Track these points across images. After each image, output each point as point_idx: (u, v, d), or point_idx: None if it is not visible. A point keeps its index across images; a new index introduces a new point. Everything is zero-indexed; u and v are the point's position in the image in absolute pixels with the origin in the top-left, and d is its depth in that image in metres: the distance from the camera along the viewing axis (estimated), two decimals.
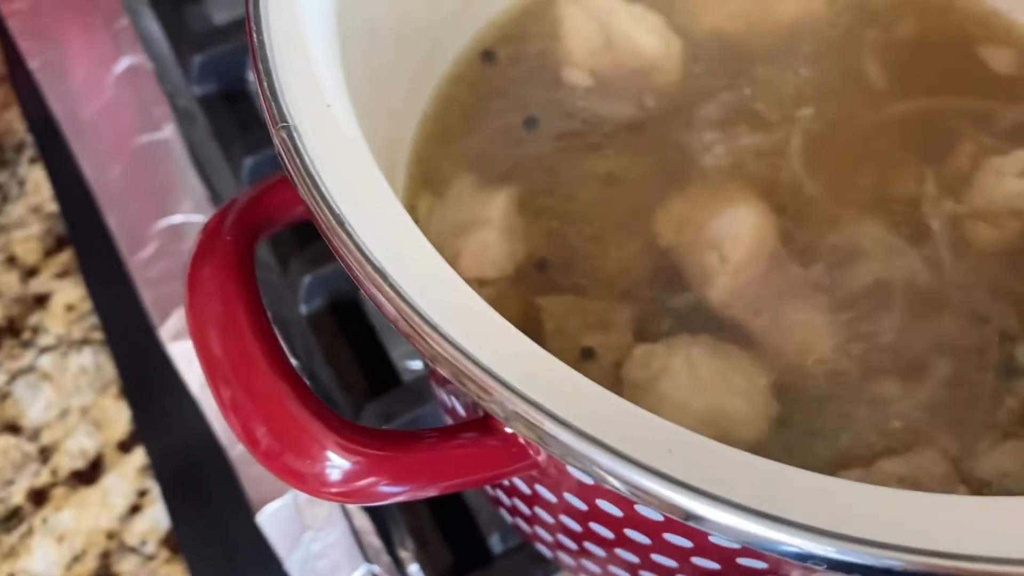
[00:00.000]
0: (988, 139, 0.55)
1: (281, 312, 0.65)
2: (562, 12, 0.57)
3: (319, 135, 0.31)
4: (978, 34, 0.57)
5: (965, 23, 0.58)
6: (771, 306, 0.50)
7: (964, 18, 0.58)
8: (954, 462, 0.46)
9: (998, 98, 0.55)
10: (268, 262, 0.65)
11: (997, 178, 0.54)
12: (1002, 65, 0.57)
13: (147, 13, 0.77)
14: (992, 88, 0.56)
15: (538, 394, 0.27)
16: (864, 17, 0.58)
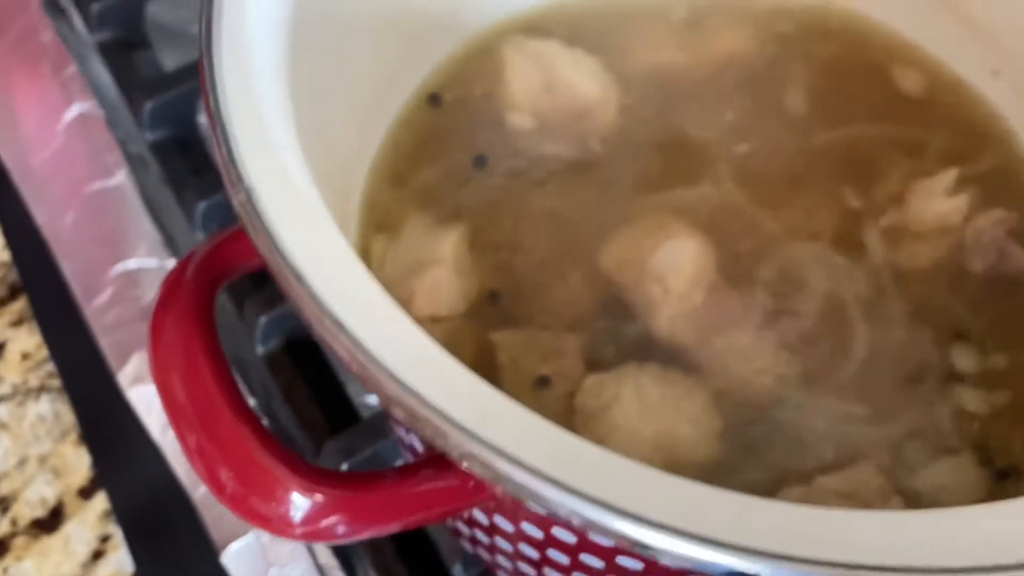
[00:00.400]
0: (913, 162, 0.58)
1: (238, 353, 0.66)
2: (505, 57, 0.59)
3: (276, 194, 0.33)
4: (891, 61, 0.61)
5: (879, 52, 0.61)
6: (713, 332, 0.52)
7: (878, 47, 0.62)
8: (890, 476, 0.48)
9: (915, 122, 0.59)
10: (224, 304, 0.66)
11: (926, 198, 0.57)
12: (913, 88, 0.60)
13: (96, 60, 0.78)
14: (907, 112, 0.59)
15: (491, 434, 0.29)
16: (790, 51, 0.61)
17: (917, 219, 0.56)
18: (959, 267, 0.55)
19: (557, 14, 0.62)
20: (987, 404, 0.52)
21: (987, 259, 0.54)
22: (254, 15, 0.39)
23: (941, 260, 0.55)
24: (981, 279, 0.55)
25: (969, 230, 0.55)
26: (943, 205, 0.56)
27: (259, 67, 0.37)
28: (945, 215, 0.56)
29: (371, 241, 0.54)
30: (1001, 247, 0.54)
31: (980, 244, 0.54)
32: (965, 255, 0.55)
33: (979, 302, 0.54)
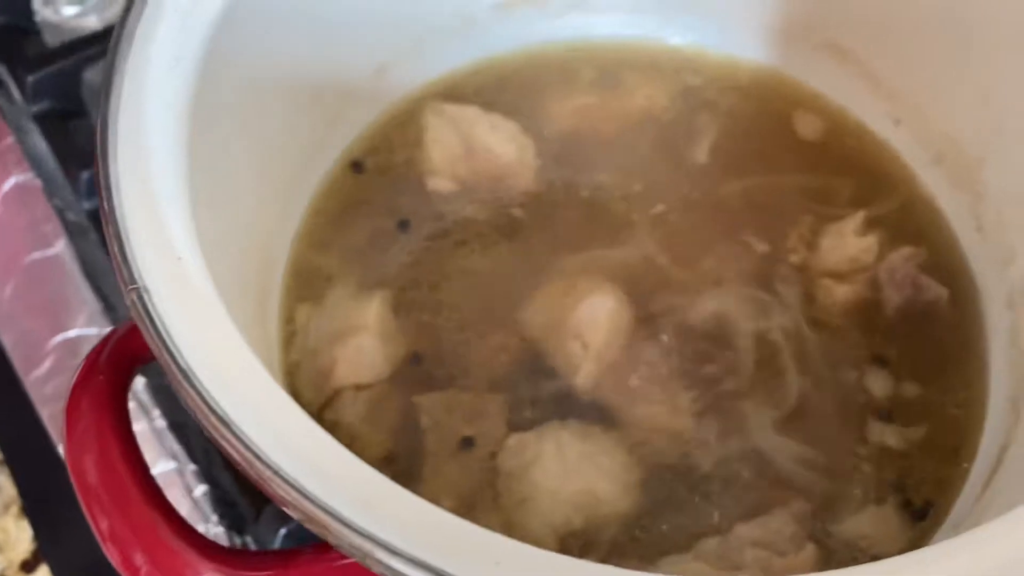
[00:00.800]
0: (822, 207, 0.60)
1: (179, 418, 0.67)
2: (425, 122, 0.61)
3: (169, 292, 0.34)
4: (798, 112, 0.63)
5: (787, 103, 0.64)
6: (632, 386, 0.53)
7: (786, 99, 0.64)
8: (804, 524, 0.49)
9: (821, 169, 0.61)
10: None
11: (838, 240, 0.59)
12: (819, 136, 0.62)
13: (33, 130, 0.79)
14: (814, 159, 0.61)
15: (374, 528, 0.30)
16: (700, 105, 0.63)
17: (831, 261, 0.58)
18: (876, 303, 0.57)
19: (474, 79, 0.64)
20: (904, 440, 0.53)
21: (903, 293, 0.56)
22: (155, 105, 0.40)
23: (858, 298, 0.57)
24: (898, 312, 0.56)
25: (882, 268, 0.57)
26: (854, 246, 0.58)
27: (160, 159, 0.38)
28: (857, 256, 0.58)
29: (295, 310, 0.55)
30: (915, 280, 0.56)
31: (894, 280, 0.56)
32: (881, 291, 0.57)
33: (896, 334, 0.56)
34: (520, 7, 0.63)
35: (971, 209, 0.57)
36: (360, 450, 0.51)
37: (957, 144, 0.57)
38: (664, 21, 0.65)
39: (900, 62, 0.59)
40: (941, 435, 0.53)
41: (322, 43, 0.55)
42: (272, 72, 0.51)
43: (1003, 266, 0.54)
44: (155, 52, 0.40)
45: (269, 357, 0.52)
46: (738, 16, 0.63)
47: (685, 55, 0.65)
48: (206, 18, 0.43)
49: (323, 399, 0.52)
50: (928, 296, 0.56)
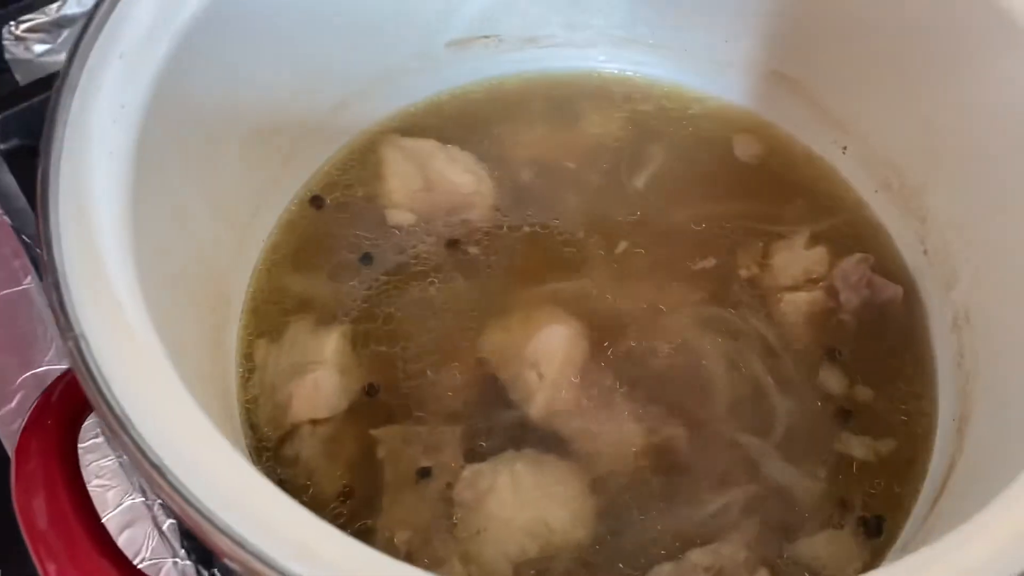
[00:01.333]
0: (771, 227, 0.61)
1: None
2: (383, 156, 0.62)
3: (109, 339, 0.35)
4: (748, 141, 0.64)
5: (738, 132, 0.65)
6: (587, 415, 0.54)
7: (737, 128, 0.65)
8: (756, 549, 0.50)
9: (766, 194, 0.62)
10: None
11: (789, 254, 0.60)
12: (757, 159, 0.63)
13: (2, 167, 0.79)
14: (757, 184, 0.62)
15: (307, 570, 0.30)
16: (649, 134, 0.64)
17: (786, 276, 0.59)
18: (834, 310, 0.58)
19: (432, 114, 0.65)
20: (862, 457, 0.54)
21: (860, 294, 0.57)
22: (97, 153, 0.40)
23: (817, 307, 0.58)
24: (856, 316, 0.57)
25: (836, 274, 0.59)
26: (805, 259, 0.59)
27: (102, 208, 0.39)
28: (809, 267, 0.59)
29: (254, 346, 0.56)
30: (870, 280, 0.58)
31: (849, 283, 0.58)
32: (838, 295, 0.58)
33: (856, 338, 0.57)
34: (475, 44, 0.64)
35: (917, 233, 0.58)
36: (318, 483, 0.52)
37: (901, 171, 0.58)
38: (615, 54, 0.66)
39: (845, 92, 0.60)
40: (896, 452, 0.53)
41: (278, 84, 0.56)
42: (224, 114, 0.52)
43: (947, 290, 0.55)
44: (99, 101, 0.41)
45: (226, 394, 0.52)
46: (687, 49, 0.65)
47: (636, 85, 0.66)
48: (152, 65, 0.43)
49: (281, 434, 0.53)
50: (885, 295, 0.58)
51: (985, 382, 0.50)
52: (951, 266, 0.55)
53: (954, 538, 0.33)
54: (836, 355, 0.56)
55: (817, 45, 0.60)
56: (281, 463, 0.52)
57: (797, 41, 0.60)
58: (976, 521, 0.32)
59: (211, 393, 0.48)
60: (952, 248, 0.55)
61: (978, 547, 0.32)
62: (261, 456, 0.52)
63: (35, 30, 0.84)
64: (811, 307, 0.58)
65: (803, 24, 0.59)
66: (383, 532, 0.50)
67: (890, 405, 0.55)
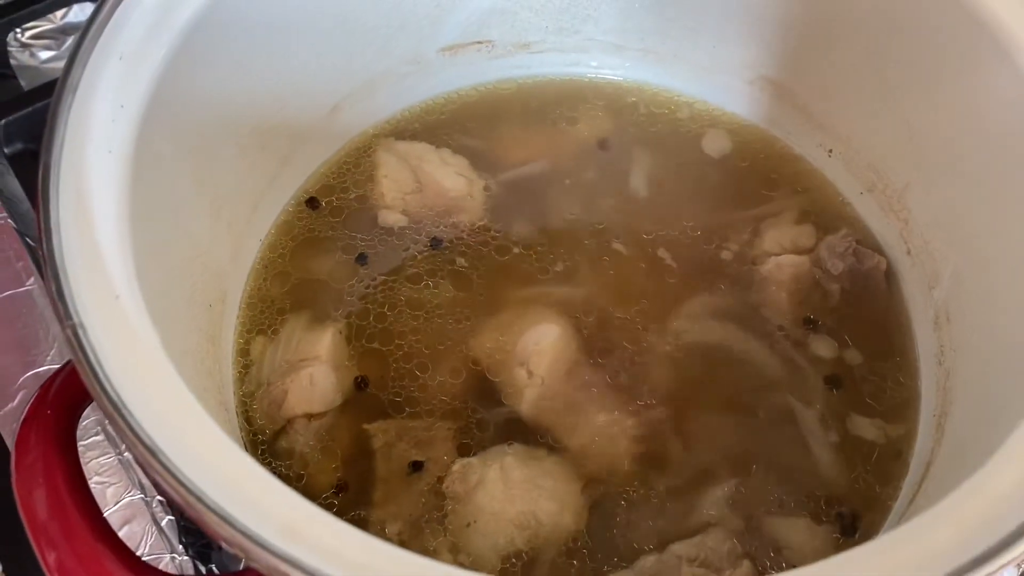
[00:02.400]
0: (759, 216, 0.62)
1: None
2: (377, 159, 0.63)
3: (106, 328, 0.36)
4: (729, 139, 0.66)
5: (725, 133, 0.66)
6: (575, 411, 0.55)
7: (726, 130, 0.67)
8: (742, 540, 0.51)
9: (754, 193, 0.63)
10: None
11: (778, 230, 0.62)
12: (747, 162, 0.65)
13: (6, 171, 0.81)
14: (745, 184, 0.64)
15: (292, 551, 0.31)
16: (638, 138, 0.66)
17: (773, 243, 0.61)
18: (819, 280, 0.59)
19: (426, 118, 0.66)
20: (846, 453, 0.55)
21: (846, 261, 0.59)
22: (97, 151, 0.41)
23: (803, 268, 0.59)
24: (842, 284, 0.59)
25: (822, 246, 0.60)
26: (793, 232, 0.61)
27: (101, 203, 0.40)
28: (796, 239, 0.61)
29: (251, 342, 0.57)
30: (855, 250, 0.59)
31: (835, 253, 0.59)
32: (824, 265, 0.59)
33: (841, 311, 0.59)
34: (468, 49, 0.66)
35: (900, 234, 0.59)
36: (312, 476, 0.53)
37: (883, 173, 0.60)
38: (605, 60, 0.67)
39: (830, 97, 0.61)
40: (880, 448, 0.54)
41: (275, 88, 0.57)
42: (222, 116, 0.53)
43: (929, 289, 0.56)
44: (98, 100, 0.42)
45: (222, 388, 0.53)
46: (676, 55, 0.66)
47: (626, 90, 0.68)
48: (151, 66, 0.45)
49: (277, 428, 0.54)
50: (869, 263, 0.59)
51: (964, 379, 0.51)
52: (932, 266, 0.56)
53: (919, 523, 0.33)
54: (818, 326, 0.58)
55: (803, 51, 0.61)
56: (276, 456, 0.53)
57: (784, 47, 0.61)
58: (940, 507, 0.33)
59: (207, 387, 0.49)
60: (933, 248, 0.56)
61: (941, 533, 0.33)
62: (256, 449, 0.53)
63: (40, 37, 0.86)
64: (797, 270, 0.59)
65: (789, 30, 0.61)
66: (375, 523, 0.51)
67: (880, 372, 0.56)
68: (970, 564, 0.31)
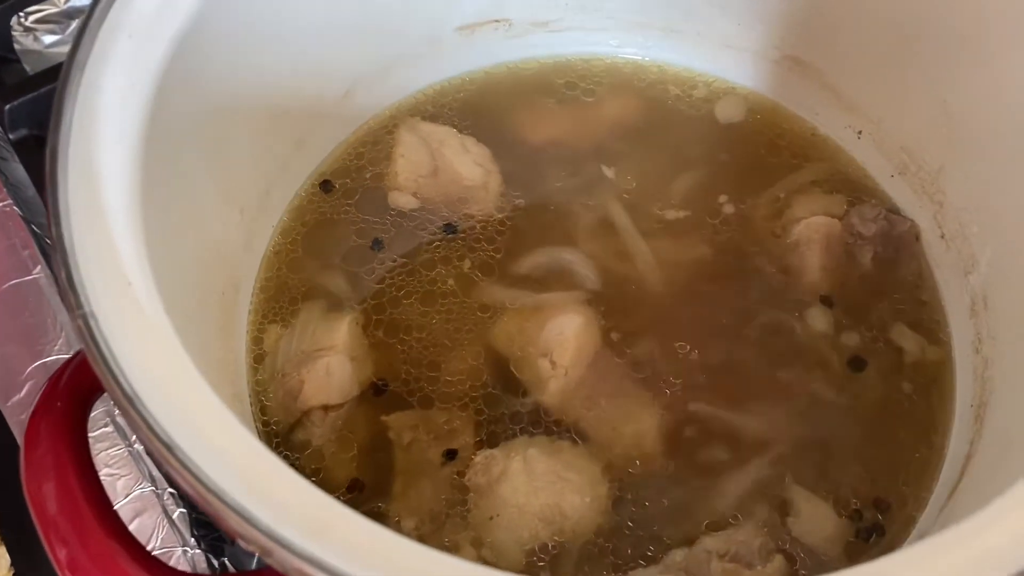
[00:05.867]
0: (789, 191, 0.61)
1: None
2: (398, 138, 0.61)
3: (118, 317, 0.34)
4: (755, 119, 0.64)
5: (758, 117, 0.65)
6: (600, 402, 0.54)
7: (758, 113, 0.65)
8: (775, 535, 0.49)
9: (783, 175, 0.62)
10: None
11: (808, 197, 0.60)
12: (763, 138, 0.63)
13: (11, 157, 0.79)
14: (765, 164, 0.62)
15: (316, 551, 0.30)
16: (660, 119, 0.64)
17: (803, 209, 0.59)
18: (851, 244, 0.58)
19: (443, 98, 0.64)
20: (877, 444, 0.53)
21: (878, 225, 0.58)
22: (106, 133, 0.40)
23: (834, 230, 0.58)
24: (875, 246, 0.58)
25: (854, 213, 0.59)
26: (824, 200, 0.60)
27: (111, 187, 0.39)
28: (828, 207, 0.60)
29: (265, 331, 0.55)
30: (886, 217, 0.58)
31: (865, 220, 0.58)
32: (855, 228, 0.58)
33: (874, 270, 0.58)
34: (485, 29, 0.64)
35: (934, 217, 0.57)
36: (329, 469, 0.52)
37: (917, 155, 0.58)
38: (626, 38, 0.66)
39: (859, 77, 0.59)
40: (911, 444, 0.53)
41: (288, 69, 0.55)
42: (234, 98, 0.51)
43: (964, 274, 0.55)
44: (107, 80, 0.40)
45: (236, 378, 0.52)
46: (700, 33, 0.64)
47: (648, 70, 0.66)
48: (162, 45, 0.43)
49: (292, 419, 0.53)
50: (900, 228, 0.58)
51: (1004, 368, 0.49)
52: (969, 251, 0.54)
53: (967, 527, 0.32)
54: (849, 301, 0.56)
55: (830, 30, 0.59)
56: (292, 448, 0.52)
57: (810, 26, 0.59)
58: (989, 511, 0.32)
59: (221, 377, 0.48)
60: (969, 232, 0.54)
61: (991, 537, 0.31)
62: (271, 441, 0.52)
63: (44, 21, 0.84)
64: (829, 230, 0.58)
65: (816, 8, 0.59)
66: (394, 517, 0.50)
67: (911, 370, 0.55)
68: None
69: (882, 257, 0.58)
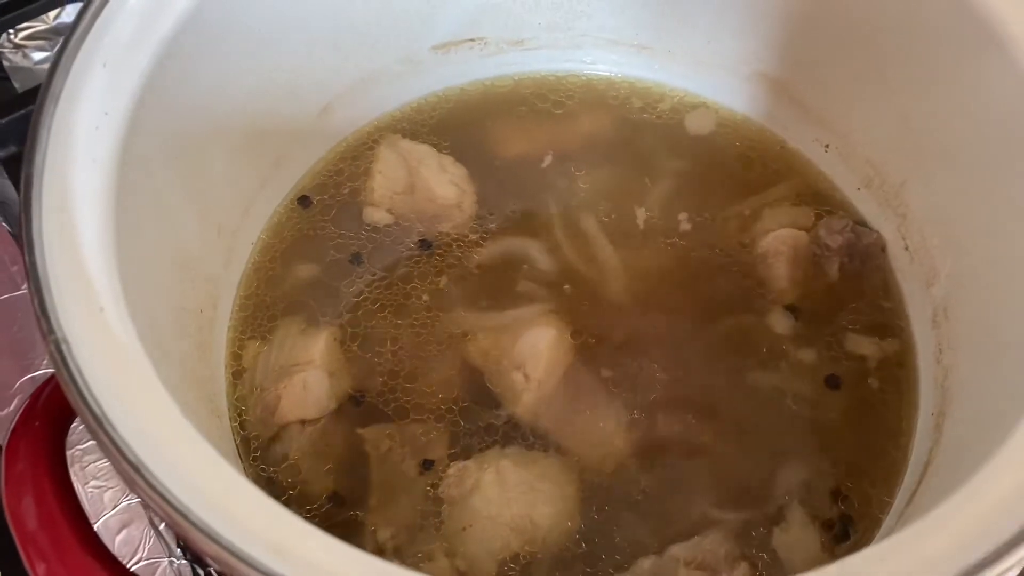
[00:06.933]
0: (757, 205, 0.62)
1: None
2: (378, 154, 0.62)
3: (90, 342, 0.36)
4: (716, 132, 0.66)
5: (727, 130, 0.66)
6: (572, 413, 0.55)
7: (726, 127, 0.66)
8: (740, 542, 0.51)
9: (752, 188, 0.63)
10: None
11: (777, 210, 0.62)
12: (732, 152, 0.65)
13: (0, 174, 0.80)
14: (734, 176, 0.63)
15: (283, 568, 0.31)
16: (633, 135, 0.65)
17: (772, 221, 0.61)
18: (818, 255, 0.59)
19: (419, 116, 0.66)
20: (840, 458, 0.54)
21: (845, 237, 0.59)
22: (80, 160, 0.41)
23: (800, 241, 0.59)
24: (840, 258, 0.59)
25: (821, 226, 0.60)
26: (792, 212, 0.62)
27: (85, 214, 0.40)
28: (795, 219, 0.61)
29: (244, 347, 0.56)
30: (853, 229, 0.60)
31: (833, 232, 0.60)
32: (822, 241, 0.60)
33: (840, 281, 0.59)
34: (459, 48, 0.65)
35: (898, 230, 0.59)
36: (306, 482, 0.53)
37: (881, 168, 0.59)
38: (599, 56, 0.67)
39: (826, 91, 0.61)
40: (878, 451, 0.54)
41: (263, 90, 0.56)
42: (210, 121, 0.52)
43: (927, 286, 0.56)
44: (82, 108, 0.41)
45: (214, 395, 0.53)
46: (671, 50, 0.65)
47: (621, 86, 0.67)
48: (136, 73, 0.44)
49: (271, 434, 0.54)
50: (866, 240, 0.60)
51: (962, 378, 0.50)
52: (931, 262, 0.56)
53: (915, 530, 0.33)
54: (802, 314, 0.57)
55: (799, 46, 0.60)
56: (270, 462, 0.53)
57: (779, 42, 0.60)
58: (936, 513, 0.33)
59: (198, 394, 0.49)
60: (931, 244, 0.55)
61: (938, 539, 0.32)
62: (250, 456, 0.53)
63: (33, 38, 0.85)
64: (796, 242, 0.59)
65: (785, 25, 0.60)
66: (370, 529, 0.51)
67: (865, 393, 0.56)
68: (970, 569, 0.31)
69: (848, 268, 0.59)
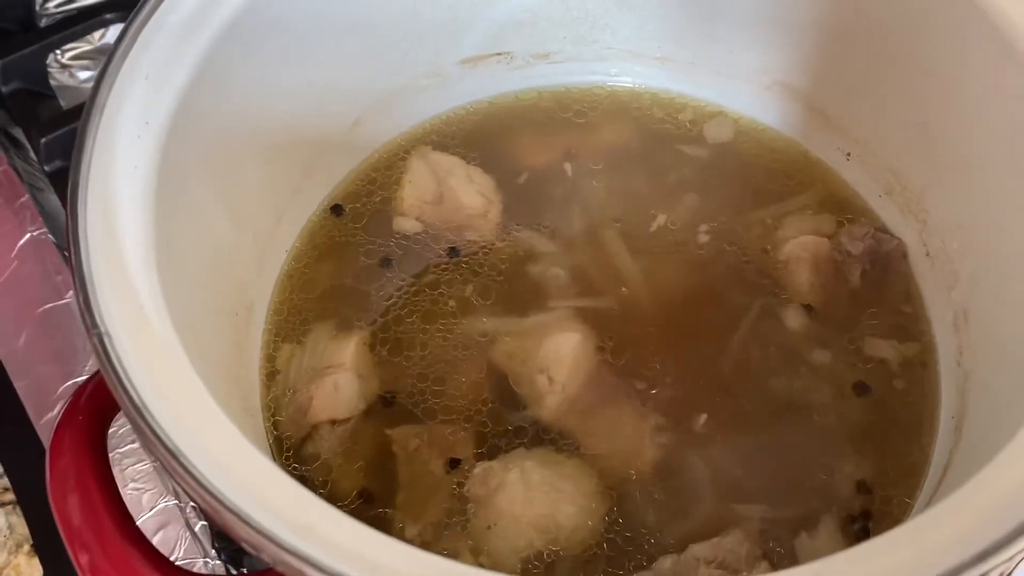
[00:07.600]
0: (779, 213, 0.63)
1: None
2: (409, 164, 0.64)
3: (131, 337, 0.38)
4: (739, 142, 0.67)
5: (750, 141, 0.67)
6: (595, 416, 0.56)
7: (750, 138, 0.67)
8: (761, 542, 0.51)
9: (775, 196, 0.64)
10: None
11: (799, 218, 0.63)
12: (756, 162, 0.66)
13: (46, 188, 0.84)
14: (758, 186, 0.64)
15: (308, 549, 0.32)
16: (658, 146, 0.66)
17: (793, 229, 0.62)
18: (840, 262, 0.60)
19: (448, 128, 0.67)
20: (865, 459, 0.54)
21: (866, 243, 0.60)
22: (123, 167, 0.43)
23: (822, 249, 0.60)
24: (861, 265, 0.60)
25: (843, 233, 0.61)
26: (814, 220, 0.62)
27: (127, 217, 0.42)
28: (817, 227, 0.62)
29: (278, 350, 0.58)
30: (874, 235, 0.60)
31: (855, 239, 0.60)
32: (844, 247, 0.60)
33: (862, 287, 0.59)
34: (486, 62, 0.67)
35: (919, 235, 0.59)
36: (336, 480, 0.54)
37: (902, 175, 0.60)
38: (624, 68, 0.68)
39: (846, 100, 0.61)
40: (897, 450, 0.54)
41: (295, 105, 0.59)
42: (244, 133, 0.54)
43: (948, 290, 0.56)
44: (124, 119, 0.44)
45: (248, 394, 0.55)
46: (693, 62, 0.67)
47: (645, 98, 0.69)
48: (175, 85, 0.46)
49: (302, 434, 0.55)
50: (888, 246, 0.60)
51: (980, 381, 0.51)
52: (951, 267, 0.56)
53: (920, 522, 0.34)
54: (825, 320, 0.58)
55: (818, 55, 0.61)
56: (302, 461, 0.55)
57: (799, 52, 0.62)
58: (942, 507, 0.34)
59: (233, 393, 0.51)
60: (951, 249, 0.56)
61: (943, 530, 0.33)
62: (283, 454, 0.55)
63: (79, 58, 0.88)
64: (818, 248, 0.60)
65: (804, 35, 0.61)
66: (398, 525, 0.52)
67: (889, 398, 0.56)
68: (971, 560, 0.32)
69: (870, 274, 0.60)
